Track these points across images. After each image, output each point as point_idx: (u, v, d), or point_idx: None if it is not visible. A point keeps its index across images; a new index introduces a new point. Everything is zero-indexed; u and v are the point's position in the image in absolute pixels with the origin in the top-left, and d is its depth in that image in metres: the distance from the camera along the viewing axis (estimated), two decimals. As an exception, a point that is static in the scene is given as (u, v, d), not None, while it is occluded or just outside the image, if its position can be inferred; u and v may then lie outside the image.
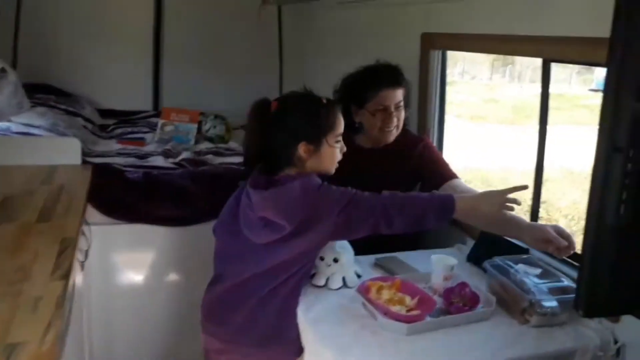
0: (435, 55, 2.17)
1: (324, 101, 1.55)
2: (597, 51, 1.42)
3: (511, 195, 1.47)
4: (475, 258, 1.83)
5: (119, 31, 3.40)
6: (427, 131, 2.24)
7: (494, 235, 1.87)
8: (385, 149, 2.01)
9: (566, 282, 1.51)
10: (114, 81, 3.48)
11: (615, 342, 1.41)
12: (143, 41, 3.50)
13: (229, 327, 1.55)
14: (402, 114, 1.95)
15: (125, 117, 3.40)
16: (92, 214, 2.17)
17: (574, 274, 1.58)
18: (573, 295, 1.42)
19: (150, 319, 2.31)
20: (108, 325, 2.26)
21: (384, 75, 1.91)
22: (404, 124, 2.02)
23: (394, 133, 1.95)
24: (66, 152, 2.17)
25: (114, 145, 2.91)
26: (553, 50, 1.60)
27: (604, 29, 0.77)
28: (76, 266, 1.54)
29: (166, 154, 2.74)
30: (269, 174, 1.53)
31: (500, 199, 1.47)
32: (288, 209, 1.44)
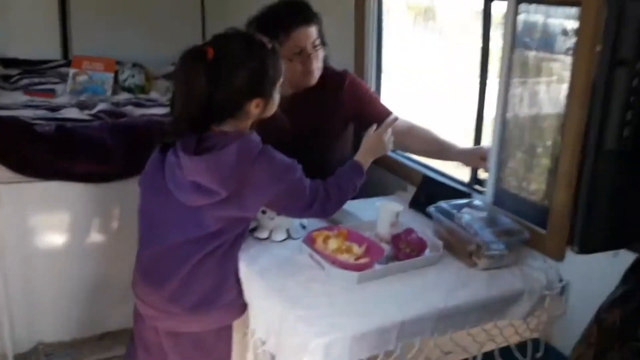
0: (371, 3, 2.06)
1: (269, 45, 1.36)
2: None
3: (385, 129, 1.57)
4: (418, 204, 1.80)
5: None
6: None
7: (435, 180, 1.85)
8: (308, 91, 1.81)
9: (511, 224, 1.50)
10: (14, 27, 3.09)
11: (560, 280, 1.43)
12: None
13: (162, 292, 1.40)
14: (321, 53, 1.77)
15: (31, 67, 3.06)
16: (2, 173, 1.94)
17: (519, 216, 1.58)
18: (519, 237, 1.44)
19: (74, 285, 2.13)
20: (28, 293, 2.06)
21: (292, 14, 1.70)
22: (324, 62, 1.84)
23: (316, 75, 1.77)
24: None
25: (19, 97, 2.61)
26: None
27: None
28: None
29: (80, 106, 2.49)
30: (199, 129, 1.34)
31: (380, 139, 1.56)
32: (223, 176, 1.28)
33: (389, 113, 1.82)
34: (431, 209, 1.57)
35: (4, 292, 1.98)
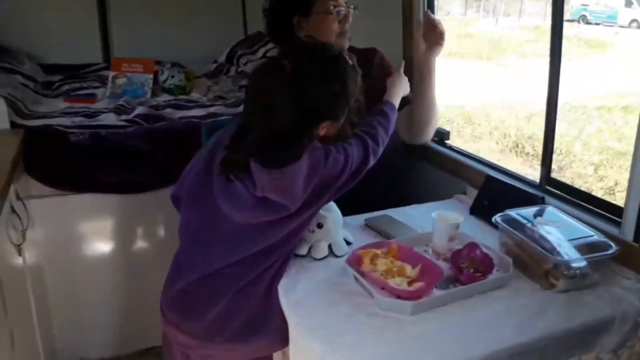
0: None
1: (349, 61, 1.23)
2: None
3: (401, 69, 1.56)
4: (480, 210, 1.59)
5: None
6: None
7: (499, 180, 1.63)
8: None
9: (595, 236, 1.26)
10: (56, 32, 3.07)
11: (658, 304, 1.19)
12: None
13: (203, 321, 1.26)
14: (351, 18, 1.62)
15: (73, 72, 3.02)
16: (33, 185, 1.87)
17: (603, 225, 1.34)
18: (604, 252, 1.20)
19: (115, 299, 2.05)
20: (69, 309, 2.00)
21: None
22: None
23: (347, 42, 1.62)
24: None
25: (60, 104, 2.55)
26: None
27: None
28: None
29: (119, 111, 2.40)
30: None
31: (400, 79, 1.54)
32: (295, 190, 1.17)
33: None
34: (497, 218, 1.35)
35: (45, 307, 1.91)
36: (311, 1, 1.55)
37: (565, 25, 1.51)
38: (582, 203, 1.45)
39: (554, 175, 1.60)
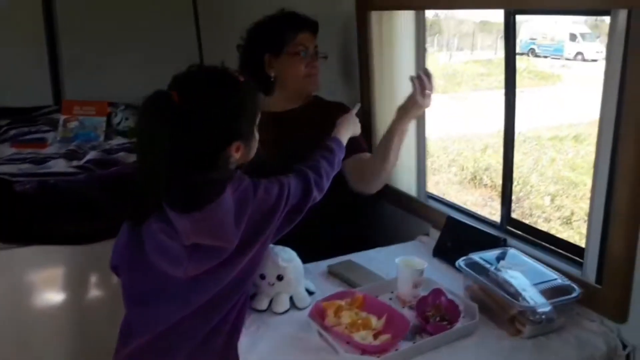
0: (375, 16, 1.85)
1: (241, 78, 1.17)
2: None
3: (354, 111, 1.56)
4: (443, 252, 1.57)
5: (3, 16, 2.85)
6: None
7: (461, 222, 1.62)
8: (299, 109, 1.74)
9: (558, 280, 1.25)
10: (2, 74, 2.94)
11: (624, 346, 1.18)
12: (33, 27, 2.96)
13: None
14: (320, 65, 1.71)
15: (22, 116, 2.90)
16: (-26, 239, 1.75)
17: (565, 267, 1.34)
18: (569, 296, 1.20)
19: (67, 354, 1.92)
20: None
21: (302, 18, 1.70)
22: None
23: (316, 82, 1.71)
24: None
25: (6, 150, 2.44)
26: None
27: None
28: None
29: (69, 156, 2.31)
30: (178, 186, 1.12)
31: (351, 118, 1.54)
32: (226, 228, 1.10)
33: (365, 150, 1.69)
34: (460, 263, 1.33)
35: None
36: (282, 42, 1.64)
37: (516, 58, 1.55)
38: (543, 243, 1.45)
39: (514, 206, 1.60)
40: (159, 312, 1.19)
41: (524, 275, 1.26)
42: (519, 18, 1.47)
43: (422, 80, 1.50)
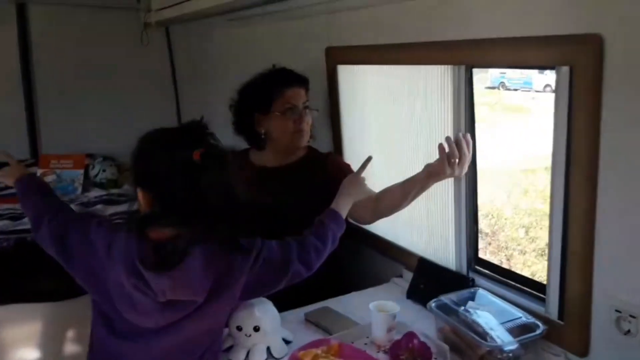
0: (343, 70, 1.95)
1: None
2: (529, 52, 1.27)
3: (362, 169, 1.51)
4: (416, 293, 1.62)
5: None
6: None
7: (432, 263, 1.68)
8: (293, 164, 1.78)
9: (523, 318, 1.31)
10: (-22, 128, 2.97)
11: (588, 380, 1.23)
12: (10, 81, 3.00)
13: None
14: (309, 118, 1.74)
15: (-2, 170, 2.92)
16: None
17: (530, 304, 1.40)
18: (534, 333, 1.25)
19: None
20: None
21: (288, 74, 1.74)
22: (311, 136, 1.79)
23: (305, 137, 1.73)
24: None
25: (-17, 207, 2.45)
26: (477, 55, 1.42)
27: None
28: None
29: (47, 210, 2.32)
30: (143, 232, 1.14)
31: (357, 181, 1.49)
32: (196, 283, 1.13)
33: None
34: (431, 305, 1.39)
35: None
36: (270, 101, 1.69)
37: (486, 92, 1.62)
38: (509, 281, 1.52)
39: (489, 239, 1.65)
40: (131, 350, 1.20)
41: (491, 315, 1.32)
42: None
43: (451, 147, 1.46)
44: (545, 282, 1.38)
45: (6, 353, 1.86)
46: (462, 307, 1.36)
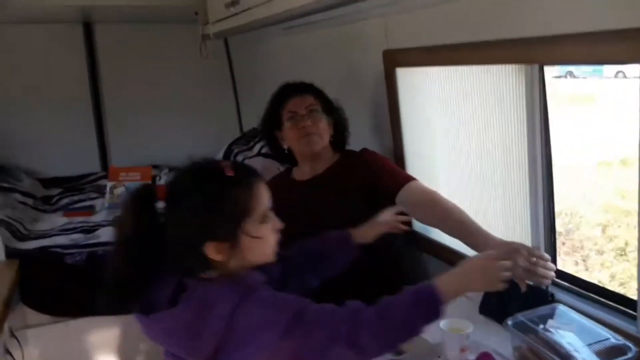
0: (402, 73, 1.88)
1: (230, 172, 1.05)
2: (605, 47, 1.16)
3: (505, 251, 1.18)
4: (490, 309, 1.53)
5: (52, 90, 3.04)
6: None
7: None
8: (327, 173, 1.76)
9: (612, 339, 1.20)
10: (54, 145, 3.12)
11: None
12: (80, 97, 3.15)
13: None
14: (320, 121, 1.73)
15: (71, 184, 3.05)
16: (29, 314, 1.83)
17: (617, 321, 1.28)
18: (625, 357, 1.14)
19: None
20: None
21: (288, 88, 1.80)
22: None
23: (315, 140, 1.71)
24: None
25: (58, 220, 2.56)
26: (548, 52, 1.32)
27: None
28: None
29: (117, 223, 2.39)
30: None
31: (492, 264, 1.08)
32: (186, 339, 0.99)
33: (411, 178, 1.63)
34: (507, 323, 1.30)
35: None
36: (278, 116, 1.76)
37: (553, 81, 1.53)
38: (592, 295, 1.40)
39: (563, 238, 1.55)
40: None
41: (575, 335, 1.21)
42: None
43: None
44: (635, 298, 1.27)
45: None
46: (542, 326, 1.26)
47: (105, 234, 2.27)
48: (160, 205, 1.05)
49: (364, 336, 0.98)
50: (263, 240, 1.07)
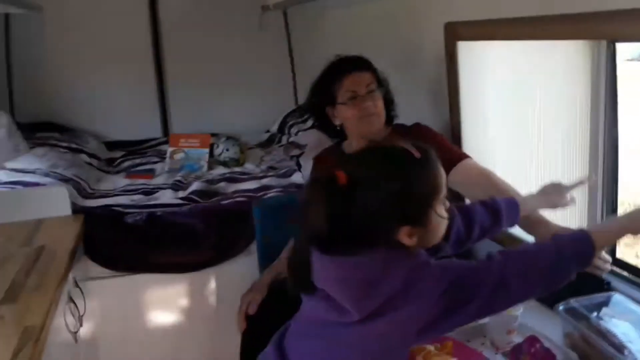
0: (464, 47, 1.82)
1: (417, 154, 1.02)
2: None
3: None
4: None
5: (117, 57, 3.16)
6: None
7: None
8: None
9: (671, 330, 1.15)
10: (118, 110, 3.27)
11: None
12: (143, 65, 3.27)
13: None
14: (379, 100, 1.67)
15: (134, 148, 3.18)
16: (92, 267, 1.93)
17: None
18: (684, 350, 1.09)
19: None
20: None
21: (344, 63, 1.71)
22: (392, 115, 1.74)
23: (375, 120, 1.67)
24: (54, 203, 1.91)
25: (120, 181, 2.67)
26: (621, 27, 1.24)
27: None
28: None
29: (176, 187, 2.48)
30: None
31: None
32: (359, 293, 0.99)
33: (465, 156, 1.60)
34: (560, 308, 1.26)
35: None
36: (334, 92, 1.68)
37: (627, 64, 1.45)
38: (655, 287, 1.34)
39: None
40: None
41: (631, 325, 1.17)
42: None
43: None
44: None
45: (135, 319, 2.01)
46: (595, 314, 1.22)
47: (165, 196, 2.36)
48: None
49: (517, 292, 1.01)
50: (444, 220, 1.05)
